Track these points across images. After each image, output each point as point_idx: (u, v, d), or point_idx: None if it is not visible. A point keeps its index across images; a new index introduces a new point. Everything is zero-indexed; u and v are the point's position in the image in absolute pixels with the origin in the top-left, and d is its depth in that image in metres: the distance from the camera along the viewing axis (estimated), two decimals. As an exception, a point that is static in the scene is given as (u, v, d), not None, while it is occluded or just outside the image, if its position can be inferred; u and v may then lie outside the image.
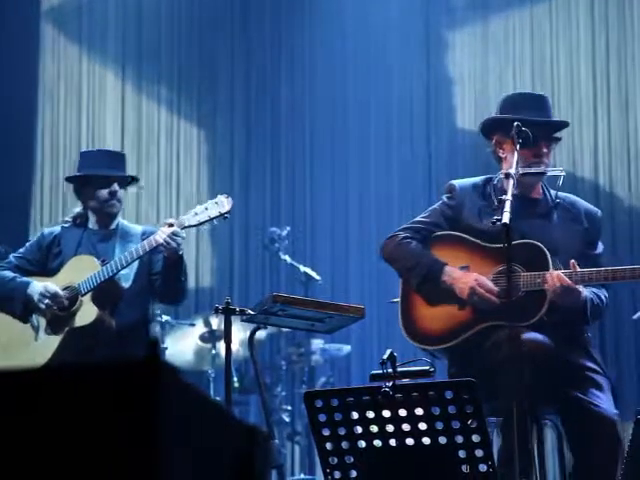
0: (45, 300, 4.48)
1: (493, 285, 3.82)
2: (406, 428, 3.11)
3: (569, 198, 4.08)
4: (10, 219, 7.50)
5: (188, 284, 4.64)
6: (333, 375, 7.31)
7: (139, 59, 8.44)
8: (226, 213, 4.25)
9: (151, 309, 4.82)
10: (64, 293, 4.50)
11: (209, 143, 8.74)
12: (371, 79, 8.42)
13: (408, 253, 3.99)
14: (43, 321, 4.56)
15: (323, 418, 3.18)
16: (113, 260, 4.42)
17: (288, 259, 7.19)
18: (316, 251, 8.31)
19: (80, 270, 4.51)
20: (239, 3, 8.72)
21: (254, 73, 8.74)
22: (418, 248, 3.99)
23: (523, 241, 3.80)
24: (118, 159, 4.84)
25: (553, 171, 3.96)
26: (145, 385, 1.21)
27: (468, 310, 3.87)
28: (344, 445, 3.19)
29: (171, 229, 4.27)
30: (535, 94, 4.25)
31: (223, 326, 3.87)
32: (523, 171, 3.76)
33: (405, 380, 3.16)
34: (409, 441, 3.12)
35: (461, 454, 3.09)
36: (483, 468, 3.09)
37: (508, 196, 3.43)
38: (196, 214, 4.28)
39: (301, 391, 6.80)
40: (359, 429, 3.16)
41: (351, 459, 3.19)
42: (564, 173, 3.95)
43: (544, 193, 4.04)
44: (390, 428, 3.13)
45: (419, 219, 4.10)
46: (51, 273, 4.63)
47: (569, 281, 3.66)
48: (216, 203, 4.26)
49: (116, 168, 4.71)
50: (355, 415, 3.16)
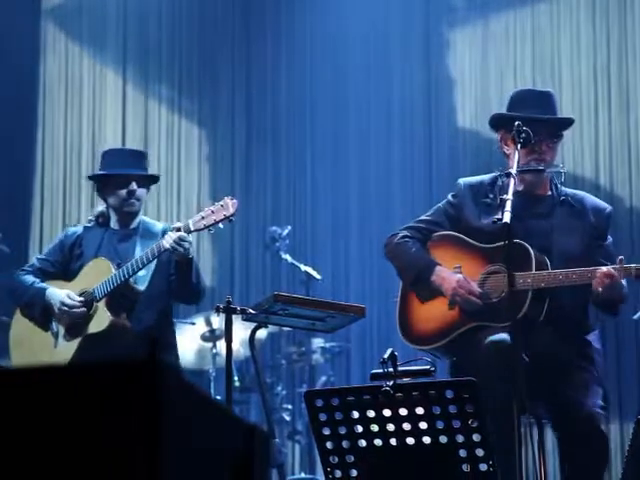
0: (63, 308, 4.51)
1: (475, 286, 3.85)
2: (407, 427, 3.11)
3: (577, 195, 4.07)
4: (10, 218, 7.50)
5: (204, 285, 4.60)
6: (334, 374, 7.31)
7: (140, 58, 8.43)
8: (231, 216, 4.25)
9: (170, 310, 4.73)
10: (80, 300, 4.51)
11: (210, 142, 8.74)
12: (372, 78, 8.42)
13: (404, 253, 4.05)
14: (62, 327, 4.58)
15: (324, 417, 3.19)
16: (127, 264, 4.42)
17: (289, 258, 7.19)
18: (317, 250, 8.31)
19: (96, 275, 4.51)
20: (240, 2, 8.72)
21: (255, 72, 8.74)
22: (415, 247, 4.04)
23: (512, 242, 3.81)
24: (138, 158, 4.80)
25: (553, 168, 3.96)
26: (146, 384, 1.21)
27: (456, 310, 3.92)
28: (345, 444, 3.19)
29: (178, 234, 4.26)
30: (542, 91, 4.24)
31: (224, 325, 3.87)
32: (522, 169, 3.78)
33: (406, 379, 3.17)
34: (410, 440, 3.12)
35: (462, 453, 3.10)
36: (484, 467, 3.09)
37: (509, 195, 3.43)
38: (202, 218, 4.27)
39: (302, 390, 6.80)
40: (360, 428, 3.16)
41: (352, 458, 3.19)
42: (565, 170, 3.95)
43: (551, 190, 4.03)
44: (391, 427, 3.13)
45: (422, 218, 4.15)
46: (71, 276, 4.64)
47: (617, 276, 3.66)
48: (222, 206, 4.25)
49: (136, 167, 4.67)
50: (356, 414, 3.16)
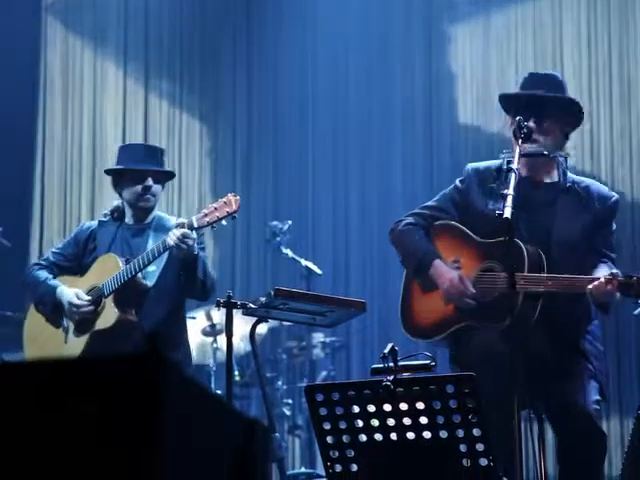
0: (72, 309, 4.53)
1: (469, 286, 3.84)
2: (407, 422, 3.12)
3: (583, 183, 4.02)
4: (11, 211, 7.50)
5: (212, 281, 4.54)
6: (334, 369, 7.32)
7: (141, 52, 8.43)
8: (234, 213, 4.24)
9: (182, 306, 4.70)
10: (87, 299, 4.52)
11: (211, 137, 8.75)
12: (373, 74, 8.42)
13: (407, 240, 4.06)
14: (72, 323, 4.60)
15: (324, 412, 3.19)
16: (134, 260, 4.41)
17: (289, 253, 7.19)
18: (317, 245, 8.32)
19: (104, 270, 4.52)
20: (241, -3, 8.73)
21: (256, 67, 8.74)
22: (418, 235, 4.04)
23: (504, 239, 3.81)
24: (155, 153, 4.77)
25: (558, 153, 3.91)
26: (146, 379, 1.22)
27: (452, 306, 3.92)
28: (345, 439, 3.19)
29: (181, 231, 4.26)
30: (548, 73, 4.24)
31: (224, 320, 3.88)
32: (526, 152, 3.75)
33: (406, 374, 3.17)
34: (410, 435, 3.12)
35: (462, 448, 3.10)
36: (484, 462, 3.09)
37: (510, 190, 3.42)
38: (206, 215, 4.26)
39: (302, 385, 6.80)
40: (360, 423, 3.17)
41: (352, 453, 3.20)
42: (569, 155, 3.92)
43: (558, 176, 4.00)
44: (391, 422, 3.13)
45: (427, 204, 4.15)
46: (85, 270, 4.65)
47: (613, 290, 3.63)
48: (225, 203, 4.25)
49: (152, 162, 4.65)
50: (356, 409, 3.16)
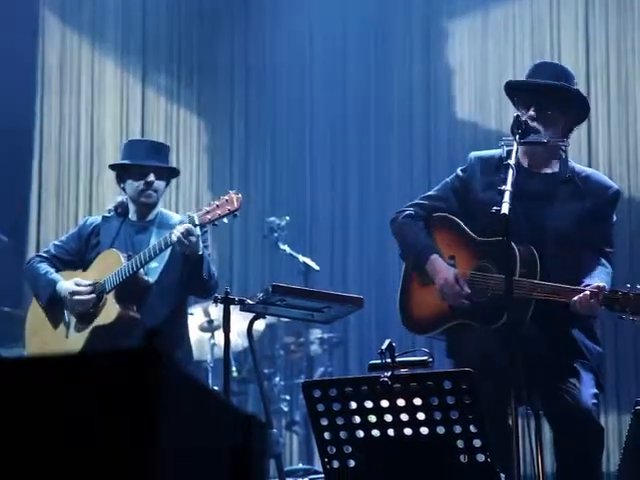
0: (74, 297, 4.53)
1: (463, 286, 3.84)
2: (404, 418, 3.12)
3: (584, 172, 3.99)
4: (8, 207, 7.50)
5: (216, 280, 4.53)
6: (331, 365, 7.32)
7: (139, 48, 8.42)
8: (236, 210, 4.24)
9: (184, 303, 4.70)
10: (88, 284, 4.52)
11: (208, 132, 8.74)
12: (371, 68, 8.42)
13: (406, 233, 4.08)
14: (73, 318, 4.60)
15: (321, 408, 3.19)
16: (136, 256, 4.41)
17: (287, 249, 7.19)
18: (315, 241, 8.32)
19: (106, 266, 4.52)
20: (239, -8, 8.72)
21: (254, 62, 8.73)
22: (417, 227, 4.05)
23: (500, 239, 3.81)
24: (159, 150, 4.76)
25: (556, 142, 3.88)
26: (143, 375, 1.22)
27: (446, 303, 3.92)
28: (342, 435, 3.19)
29: (185, 226, 4.25)
30: (557, 64, 4.23)
31: (222, 316, 3.88)
32: (525, 140, 3.73)
33: (403, 370, 3.17)
34: (407, 431, 3.12)
35: (459, 444, 3.10)
36: (481, 458, 3.09)
37: (508, 186, 3.41)
38: (207, 212, 4.26)
39: (299, 381, 6.80)
40: (357, 419, 3.17)
41: (349, 449, 3.20)
42: (567, 144, 3.91)
43: (560, 166, 3.97)
44: (388, 418, 3.14)
45: (428, 193, 4.15)
46: (86, 265, 4.65)
47: (596, 304, 3.61)
48: (226, 200, 4.24)
49: (155, 159, 4.64)
50: (353, 405, 3.16)
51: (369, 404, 3.14)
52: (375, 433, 3.16)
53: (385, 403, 3.13)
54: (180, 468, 1.29)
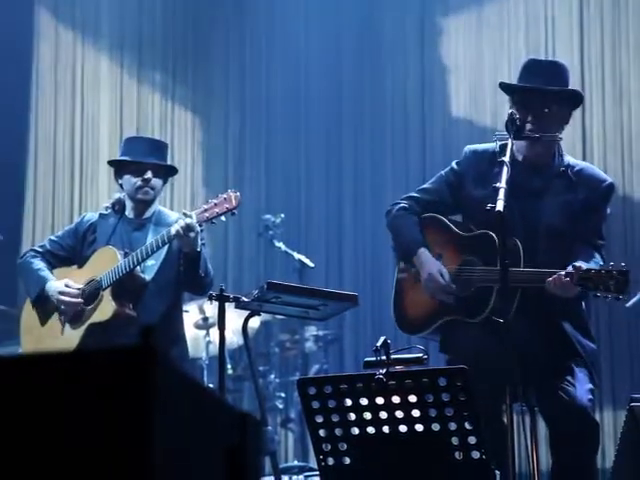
0: (61, 297, 4.53)
1: (448, 281, 3.85)
2: (399, 415, 3.12)
3: (578, 166, 4.00)
4: (3, 204, 7.49)
5: (211, 278, 4.52)
6: (327, 362, 7.32)
7: (134, 45, 8.41)
8: (234, 209, 4.24)
9: (180, 301, 4.69)
10: (78, 287, 4.52)
11: (203, 129, 8.73)
12: (365, 67, 8.41)
13: (398, 227, 4.09)
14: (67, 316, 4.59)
15: (316, 405, 3.19)
16: (133, 253, 4.40)
17: (282, 246, 7.19)
18: (310, 238, 8.31)
19: (103, 263, 4.50)
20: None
21: (249, 59, 8.73)
22: (410, 221, 4.06)
23: (482, 232, 3.82)
24: (157, 147, 4.76)
25: (549, 136, 3.88)
26: (138, 372, 1.22)
27: (435, 301, 3.92)
28: (337, 432, 3.20)
29: (187, 221, 4.24)
30: (550, 60, 4.22)
31: (217, 313, 3.87)
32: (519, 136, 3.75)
33: (399, 367, 3.17)
34: (402, 428, 3.13)
35: (454, 441, 3.11)
36: (476, 455, 3.10)
37: (502, 184, 3.42)
38: (205, 210, 4.26)
39: (294, 378, 6.80)
40: (352, 416, 3.17)
41: (344, 446, 3.20)
42: (560, 138, 3.91)
43: (554, 159, 3.98)
44: (383, 415, 3.14)
45: (423, 187, 4.18)
46: (83, 262, 4.63)
47: (570, 283, 3.61)
48: (225, 199, 4.24)
49: (153, 156, 4.63)
50: (348, 402, 3.17)
51: (364, 401, 3.15)
52: (370, 430, 3.16)
53: (380, 400, 3.13)
54: (175, 465, 1.29)
